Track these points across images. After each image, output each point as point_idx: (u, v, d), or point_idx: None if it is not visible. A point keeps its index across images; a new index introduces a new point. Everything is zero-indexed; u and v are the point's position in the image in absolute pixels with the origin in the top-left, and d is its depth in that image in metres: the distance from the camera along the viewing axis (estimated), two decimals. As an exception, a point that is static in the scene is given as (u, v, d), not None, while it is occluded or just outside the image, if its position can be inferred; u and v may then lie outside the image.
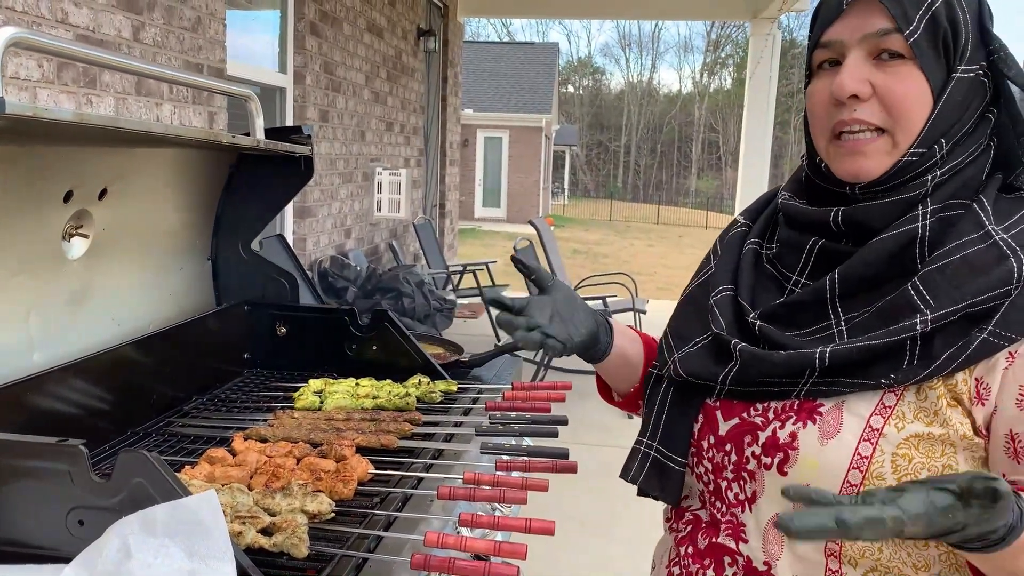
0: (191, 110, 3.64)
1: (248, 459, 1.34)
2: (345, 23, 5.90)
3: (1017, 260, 0.85)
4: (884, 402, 0.87)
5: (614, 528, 3.56)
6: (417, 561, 1.04)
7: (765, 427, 0.93)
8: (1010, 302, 0.84)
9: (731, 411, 0.97)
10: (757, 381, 0.94)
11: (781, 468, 0.91)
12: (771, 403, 0.93)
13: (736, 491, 0.96)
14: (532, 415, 1.61)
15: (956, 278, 0.86)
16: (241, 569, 0.95)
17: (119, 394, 1.50)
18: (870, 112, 0.89)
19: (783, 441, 0.91)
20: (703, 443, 0.99)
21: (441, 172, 9.22)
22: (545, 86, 25.44)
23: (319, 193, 5.60)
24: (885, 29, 0.88)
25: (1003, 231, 0.87)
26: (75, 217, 1.45)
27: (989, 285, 0.84)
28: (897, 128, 0.89)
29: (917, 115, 0.89)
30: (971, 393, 0.85)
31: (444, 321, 5.81)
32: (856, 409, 0.88)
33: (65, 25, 2.83)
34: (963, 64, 0.89)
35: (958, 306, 0.84)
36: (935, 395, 0.86)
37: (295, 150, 1.78)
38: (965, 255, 0.87)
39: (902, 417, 0.86)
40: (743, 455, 0.95)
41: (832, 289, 0.92)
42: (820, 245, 0.96)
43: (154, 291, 1.74)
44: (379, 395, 1.70)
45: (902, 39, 0.88)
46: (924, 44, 0.88)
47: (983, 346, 0.84)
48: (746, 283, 1.01)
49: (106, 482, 0.98)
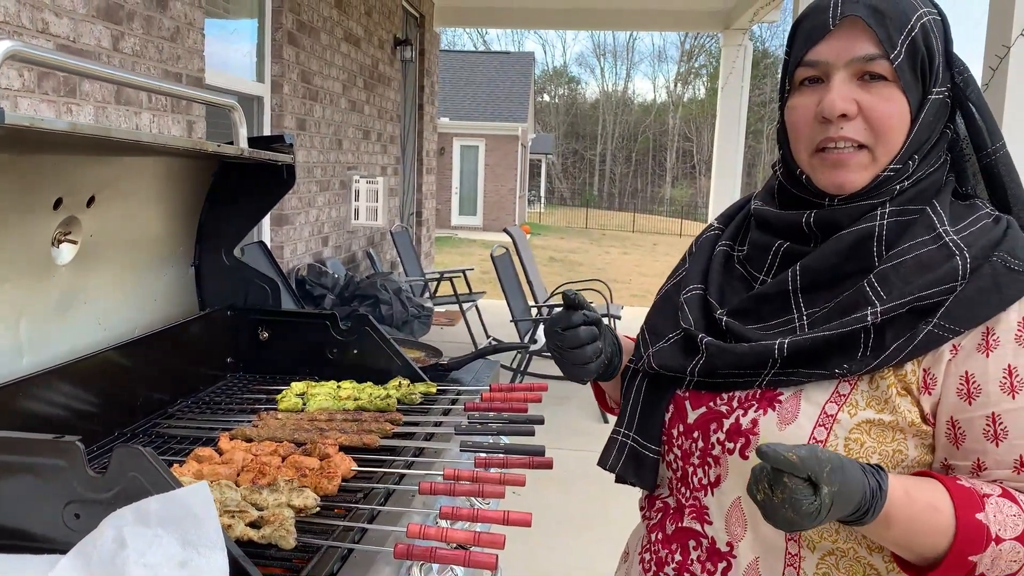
0: (170, 119, 3.66)
1: (235, 458, 1.39)
2: (322, 33, 5.94)
3: (963, 258, 0.92)
4: (839, 391, 0.94)
5: (589, 528, 3.62)
6: (400, 551, 1.09)
7: (729, 415, 0.99)
8: (954, 297, 0.91)
9: (699, 401, 1.03)
10: (723, 373, 1.00)
11: (743, 452, 0.97)
12: (736, 393, 1.00)
13: (701, 476, 1.03)
14: (510, 415, 1.67)
15: (907, 275, 0.93)
16: (232, 558, 1.00)
17: (106, 397, 1.54)
18: (855, 130, 0.95)
19: (745, 427, 0.97)
20: (673, 431, 1.06)
21: (418, 180, 9.26)
22: (521, 95, 25.57)
23: (296, 201, 5.63)
24: (872, 55, 0.94)
25: (954, 233, 0.94)
26: (64, 224, 1.49)
27: (936, 281, 0.91)
28: (878, 144, 0.96)
29: (897, 133, 0.96)
30: (919, 383, 0.92)
31: (422, 328, 5.85)
32: (813, 397, 0.95)
33: (46, 35, 2.85)
34: (936, 87, 0.97)
35: (906, 299, 0.91)
36: (886, 384, 0.93)
37: (277, 158, 1.83)
38: (918, 255, 0.94)
39: (855, 404, 0.93)
40: (709, 441, 1.01)
41: (794, 281, 0.99)
42: (786, 247, 1.03)
43: (140, 296, 1.77)
44: (360, 397, 1.75)
45: (887, 63, 0.94)
46: (906, 68, 0.95)
47: (929, 338, 0.91)
48: (715, 282, 1.08)
49: (102, 476, 1.02)
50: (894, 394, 0.92)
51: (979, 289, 0.91)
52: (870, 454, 0.92)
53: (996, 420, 0.90)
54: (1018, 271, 0.91)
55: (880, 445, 0.93)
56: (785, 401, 0.96)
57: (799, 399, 0.95)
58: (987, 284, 0.91)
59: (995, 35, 3.19)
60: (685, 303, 1.09)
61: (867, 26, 0.94)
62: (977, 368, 0.90)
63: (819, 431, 0.93)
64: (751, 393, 0.99)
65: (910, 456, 0.93)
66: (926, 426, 0.93)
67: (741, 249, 1.11)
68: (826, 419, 0.93)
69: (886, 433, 0.93)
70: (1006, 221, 0.96)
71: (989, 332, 0.90)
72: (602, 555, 3.38)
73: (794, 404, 0.95)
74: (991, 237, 0.94)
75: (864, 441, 0.93)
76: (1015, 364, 0.90)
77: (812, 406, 0.94)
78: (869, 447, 0.92)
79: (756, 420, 0.97)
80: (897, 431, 0.93)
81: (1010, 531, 0.86)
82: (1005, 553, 0.86)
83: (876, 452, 0.93)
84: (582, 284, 7.35)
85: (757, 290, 1.03)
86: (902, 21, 0.95)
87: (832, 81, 0.96)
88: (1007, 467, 0.90)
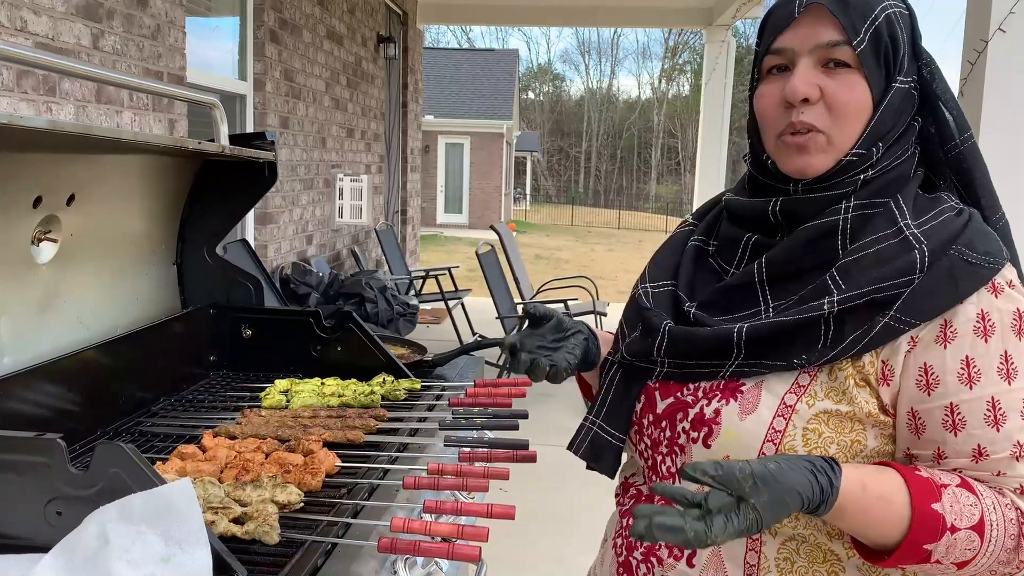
0: (151, 117, 3.65)
1: (218, 454, 1.39)
2: (305, 30, 5.92)
3: (921, 252, 0.93)
4: (799, 382, 0.96)
5: (571, 523, 3.64)
6: (384, 544, 1.10)
7: (695, 404, 1.01)
8: (911, 290, 0.92)
9: (668, 391, 1.05)
10: (691, 364, 1.02)
11: (706, 441, 0.99)
12: (701, 383, 1.02)
13: (668, 464, 1.04)
14: (494, 410, 1.67)
15: (867, 268, 0.94)
16: (215, 553, 1.00)
17: (88, 395, 1.53)
18: (815, 115, 0.96)
19: (708, 417, 0.99)
20: (644, 421, 1.08)
21: (403, 178, 9.25)
22: (505, 92, 25.56)
23: (280, 199, 5.61)
24: (835, 41, 0.96)
25: (916, 227, 0.96)
26: (44, 223, 1.48)
27: (894, 273, 0.93)
28: (835, 130, 0.97)
29: (857, 119, 0.97)
30: (877, 374, 0.94)
31: (407, 326, 5.85)
32: (773, 388, 0.96)
33: (24, 33, 2.83)
34: (901, 76, 0.98)
35: (863, 291, 0.93)
36: (844, 375, 0.94)
37: (259, 156, 1.83)
38: (879, 248, 0.95)
39: (814, 395, 0.95)
40: (675, 430, 1.03)
41: (760, 272, 1.01)
42: (755, 240, 1.04)
43: (121, 295, 1.77)
44: (344, 393, 1.75)
45: (850, 50, 0.96)
46: (869, 55, 0.96)
47: (885, 330, 0.92)
48: (685, 276, 1.10)
49: (84, 473, 1.02)
50: (852, 385, 0.94)
51: (936, 282, 0.92)
52: (828, 444, 0.94)
53: (954, 410, 0.92)
54: (975, 264, 0.92)
55: (838, 435, 0.94)
56: (747, 391, 0.98)
57: (760, 389, 0.97)
58: (944, 277, 0.92)
59: (973, 30, 3.22)
60: (651, 295, 1.10)
61: (830, 14, 0.96)
62: (935, 360, 0.92)
63: (778, 421, 0.95)
64: (716, 383, 1.00)
65: (869, 446, 0.95)
66: (885, 417, 0.95)
67: (714, 244, 1.12)
68: (785, 409, 0.95)
69: (844, 423, 0.94)
70: (968, 214, 0.97)
71: (947, 324, 0.92)
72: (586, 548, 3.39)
73: (755, 394, 0.97)
74: (950, 230, 0.95)
75: (822, 431, 0.94)
76: (972, 355, 0.91)
77: (772, 396, 0.96)
78: (827, 437, 0.94)
79: (719, 410, 0.98)
80: (856, 421, 0.94)
81: (965, 520, 0.88)
82: (960, 542, 0.88)
83: (834, 442, 0.94)
84: (568, 281, 7.37)
85: (725, 282, 1.05)
86: (866, 10, 0.97)
87: (797, 67, 0.98)
88: (966, 456, 0.92)
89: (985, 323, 0.91)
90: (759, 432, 0.95)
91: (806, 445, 0.94)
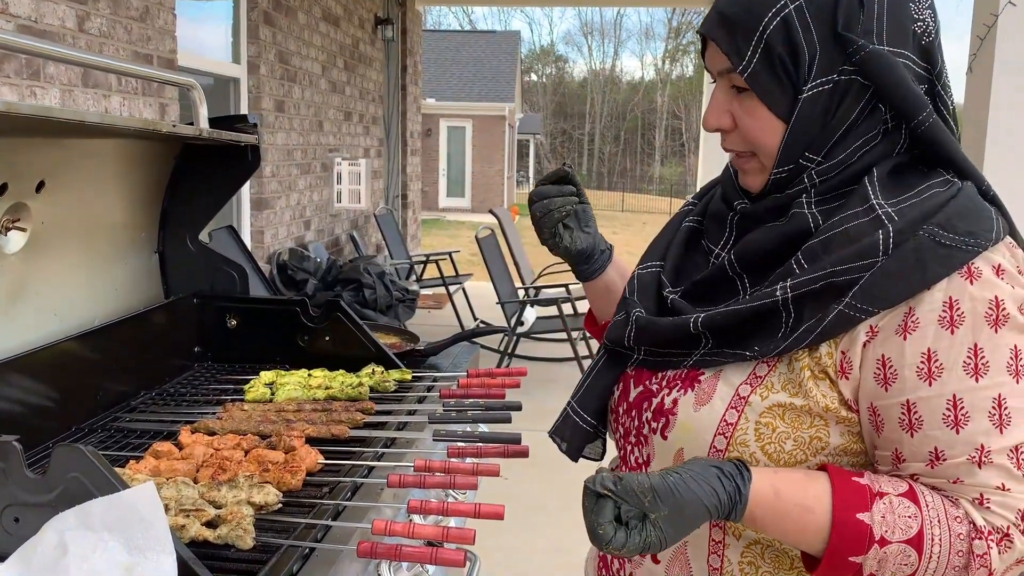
0: (141, 102, 3.57)
1: (195, 452, 1.33)
2: (299, 12, 5.82)
3: (885, 231, 0.84)
4: (756, 373, 0.90)
5: (567, 512, 3.58)
6: (363, 549, 1.04)
7: (657, 394, 0.97)
8: (871, 274, 0.83)
9: (640, 379, 1.01)
10: (663, 352, 0.98)
11: (663, 432, 0.95)
12: (667, 372, 0.97)
13: (636, 455, 1.01)
14: (486, 402, 1.61)
15: (832, 250, 0.86)
16: (182, 561, 0.94)
17: (61, 390, 1.47)
18: (735, 142, 0.95)
19: (667, 407, 0.95)
20: (619, 410, 1.04)
21: (403, 162, 9.16)
22: (508, 75, 25.37)
23: (276, 184, 5.54)
24: (723, 70, 0.92)
25: (889, 204, 0.86)
26: (11, 210, 1.42)
27: (853, 256, 0.84)
28: (761, 153, 0.93)
29: (770, 142, 0.91)
30: (836, 366, 0.87)
31: (407, 312, 5.78)
32: (730, 379, 0.91)
33: (5, 15, 2.75)
34: (813, 80, 0.88)
35: (817, 274, 0.85)
36: (799, 367, 0.88)
37: (240, 139, 1.76)
38: (847, 228, 0.87)
39: (769, 387, 0.89)
40: (641, 420, 0.99)
41: (732, 267, 0.96)
42: (738, 218, 0.99)
43: (99, 285, 1.70)
44: (332, 385, 1.69)
45: (739, 76, 0.90)
46: (762, 76, 0.89)
47: (840, 318, 0.84)
48: (673, 259, 1.05)
49: (41, 478, 0.96)
50: (807, 377, 0.87)
51: (901, 265, 0.82)
52: (783, 439, 0.88)
53: (911, 408, 0.83)
54: (951, 246, 0.82)
55: (795, 431, 0.88)
56: (704, 382, 0.93)
57: (717, 380, 0.92)
58: (910, 260, 0.82)
59: (982, 3, 3.13)
60: (637, 278, 1.07)
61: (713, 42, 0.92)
62: (894, 352, 0.83)
63: (730, 413, 0.90)
64: (679, 373, 0.96)
65: (832, 444, 0.88)
66: (848, 412, 0.87)
67: (702, 221, 1.08)
68: (738, 401, 0.90)
69: (801, 418, 0.88)
70: (956, 188, 0.87)
71: (910, 313, 0.83)
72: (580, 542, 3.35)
73: (711, 385, 0.92)
74: (926, 207, 0.85)
75: (776, 426, 0.88)
76: (935, 348, 0.82)
77: (727, 387, 0.91)
78: (782, 432, 0.88)
79: (676, 400, 0.94)
80: (814, 416, 0.87)
81: (899, 533, 0.81)
82: (892, 555, 0.81)
83: (791, 438, 0.88)
84: (569, 264, 7.29)
85: (701, 275, 1.00)
86: (751, 26, 0.88)
87: (713, 93, 0.96)
88: (921, 460, 0.84)
89: (952, 312, 0.82)
90: (711, 424, 0.90)
91: (759, 440, 0.88)
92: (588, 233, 1.16)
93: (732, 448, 0.89)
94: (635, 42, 67.88)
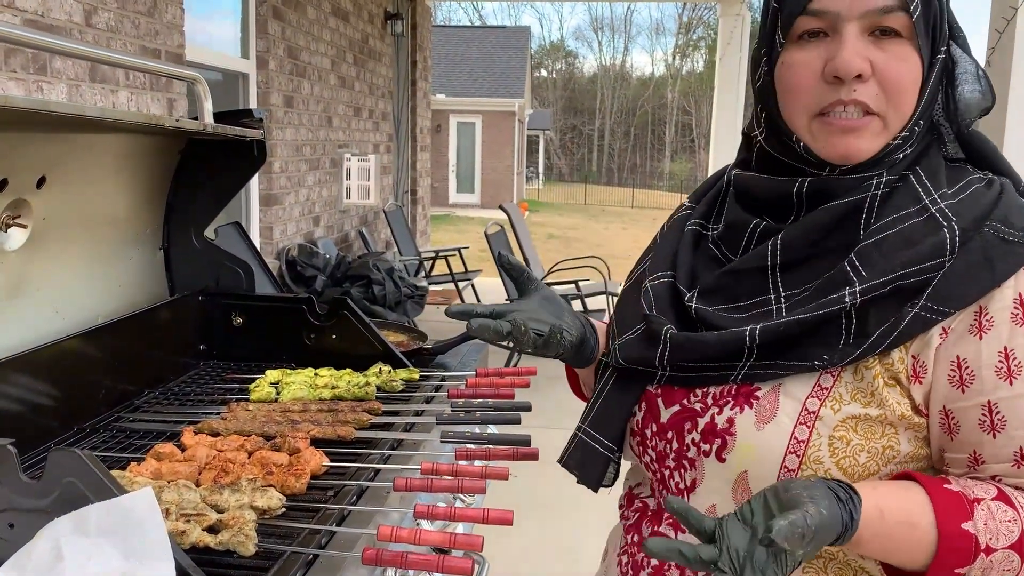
0: (149, 97, 3.55)
1: (197, 454, 1.30)
2: (309, 6, 5.79)
3: (951, 231, 0.82)
4: (821, 384, 0.85)
5: (577, 513, 3.55)
6: (368, 556, 1.01)
7: (704, 413, 0.90)
8: (942, 275, 0.81)
9: (672, 398, 0.93)
10: (696, 367, 0.91)
11: (719, 455, 0.88)
12: (710, 388, 0.90)
13: (678, 480, 0.93)
14: (495, 402, 1.58)
15: (890, 251, 0.83)
16: (180, 568, 0.91)
17: (64, 389, 1.45)
18: (868, 94, 0.83)
19: (721, 427, 0.88)
20: (647, 431, 0.96)
21: (412, 158, 9.13)
22: (517, 70, 25.30)
23: (285, 180, 5.52)
24: (889, 7, 0.82)
25: (942, 201, 0.85)
26: (11, 206, 1.39)
27: (920, 256, 0.82)
28: (890, 109, 0.85)
29: (910, 97, 0.85)
30: (908, 372, 0.83)
31: (416, 308, 5.76)
32: (792, 392, 0.85)
33: (12, 9, 2.73)
34: (943, 45, 0.87)
35: (887, 278, 0.82)
36: (871, 375, 0.83)
37: (245, 134, 1.72)
38: (901, 228, 0.84)
39: (839, 399, 0.84)
40: (683, 442, 0.92)
41: (773, 255, 0.89)
42: (763, 227, 0.92)
43: (102, 282, 1.68)
44: (338, 385, 1.66)
45: (906, 17, 0.83)
46: (921, 23, 0.84)
47: (915, 322, 0.81)
48: (685, 266, 0.98)
49: (36, 483, 0.93)
50: (880, 385, 0.83)
51: (969, 264, 0.81)
52: (857, 452, 0.83)
53: (992, 409, 0.80)
54: (1013, 242, 0.81)
55: (868, 442, 0.83)
56: (763, 397, 0.86)
57: (778, 394, 0.86)
58: (978, 258, 0.81)
59: (1002, -4, 3.07)
60: (651, 290, 0.98)
61: None
62: (969, 352, 0.81)
63: (800, 430, 0.84)
64: (726, 388, 0.89)
65: (903, 451, 0.84)
66: (919, 418, 0.84)
67: (715, 228, 0.99)
68: (808, 416, 0.84)
69: (875, 428, 0.83)
70: (999, 185, 0.86)
71: (982, 312, 0.80)
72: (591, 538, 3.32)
73: (773, 400, 0.86)
74: (982, 204, 0.83)
75: (850, 439, 0.83)
76: (1012, 346, 0.80)
77: (792, 402, 0.85)
78: (856, 445, 0.83)
79: (732, 419, 0.87)
80: (887, 425, 0.83)
81: (1003, 539, 0.77)
82: (997, 563, 0.77)
83: (864, 450, 0.83)
84: (579, 262, 7.25)
85: (731, 265, 0.93)
86: None
87: (844, 35, 0.83)
88: (1005, 461, 0.81)
89: None
90: (779, 443, 0.84)
91: (833, 455, 0.83)
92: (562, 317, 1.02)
93: (805, 466, 0.84)
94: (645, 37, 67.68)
